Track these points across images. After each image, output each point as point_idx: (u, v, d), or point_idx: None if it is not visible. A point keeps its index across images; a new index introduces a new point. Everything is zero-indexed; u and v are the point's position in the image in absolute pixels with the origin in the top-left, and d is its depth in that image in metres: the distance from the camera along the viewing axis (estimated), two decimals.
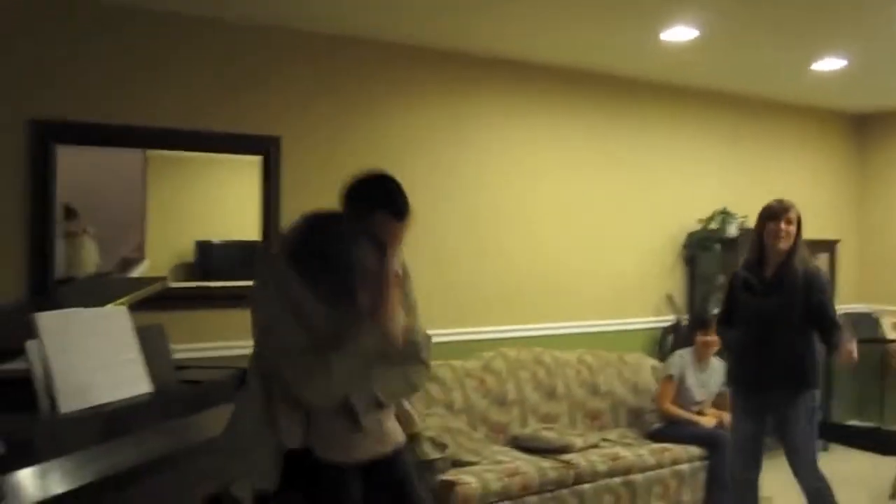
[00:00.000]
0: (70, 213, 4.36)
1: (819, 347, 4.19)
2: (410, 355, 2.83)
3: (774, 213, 4.17)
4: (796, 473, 4.20)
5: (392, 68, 5.21)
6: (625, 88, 6.17)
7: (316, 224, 2.70)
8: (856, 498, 5.56)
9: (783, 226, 4.13)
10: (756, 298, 4.20)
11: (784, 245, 4.14)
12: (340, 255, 2.60)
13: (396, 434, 2.85)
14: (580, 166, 5.95)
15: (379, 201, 2.75)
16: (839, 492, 4.16)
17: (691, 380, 5.40)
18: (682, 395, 5.39)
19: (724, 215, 6.33)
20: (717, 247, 6.29)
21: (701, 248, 6.37)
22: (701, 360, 5.45)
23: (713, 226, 6.35)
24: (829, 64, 5.64)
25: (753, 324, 4.21)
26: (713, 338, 5.33)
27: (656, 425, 5.34)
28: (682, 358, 5.44)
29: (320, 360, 2.51)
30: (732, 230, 6.30)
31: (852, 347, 3.98)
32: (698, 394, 5.42)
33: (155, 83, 4.47)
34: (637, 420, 5.55)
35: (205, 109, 4.60)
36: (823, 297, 4.15)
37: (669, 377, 5.39)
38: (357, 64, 5.09)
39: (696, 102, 6.55)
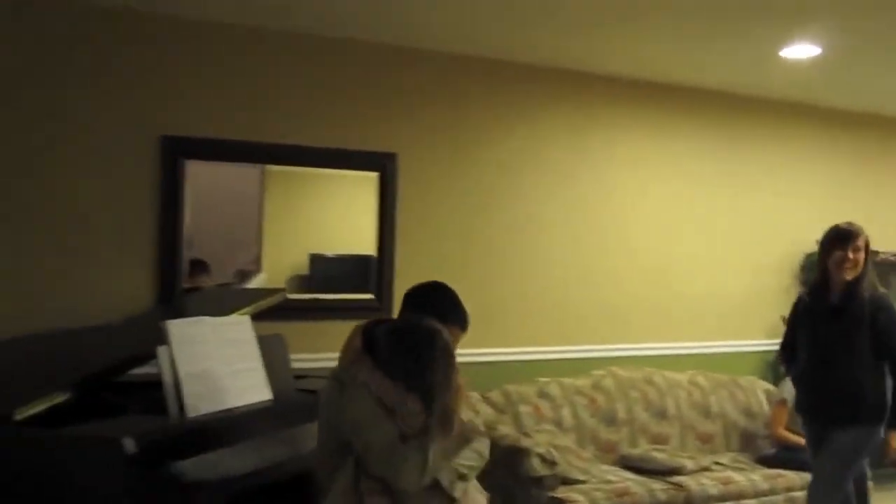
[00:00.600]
0: (199, 266, 4.55)
1: (891, 383, 3.96)
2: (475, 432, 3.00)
3: (841, 240, 3.97)
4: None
5: (508, 86, 5.27)
6: (742, 106, 6.07)
7: (395, 333, 2.78)
8: None
9: (850, 254, 3.93)
10: (818, 325, 4.03)
11: (850, 275, 3.94)
12: (420, 362, 2.70)
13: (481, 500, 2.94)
14: (695, 185, 5.88)
15: (450, 316, 2.96)
16: None
17: None
18: (796, 420, 5.24)
19: None
20: None
21: None
22: None
23: None
24: None
25: (814, 351, 4.03)
26: None
27: (769, 450, 5.22)
28: None
29: (413, 448, 2.62)
30: None
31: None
32: None
33: (276, 101, 4.63)
34: (749, 444, 5.43)
35: (323, 126, 4.74)
36: (890, 327, 3.93)
37: (783, 401, 5.25)
38: (473, 81, 5.16)
39: (815, 121, 6.39)
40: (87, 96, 4.22)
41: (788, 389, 5.22)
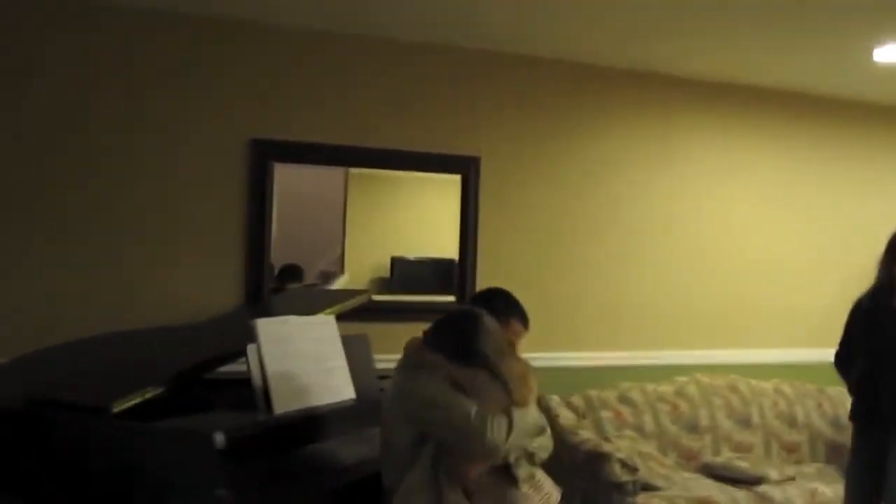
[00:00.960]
0: (292, 271, 4.65)
1: None
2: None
3: None
4: None
5: (591, 89, 5.25)
6: (837, 110, 5.92)
7: (449, 318, 2.98)
8: None
9: None
10: (880, 328, 3.83)
11: None
12: (467, 337, 2.88)
13: (553, 492, 3.00)
14: (785, 189, 5.77)
15: (509, 310, 3.25)
16: None
17: None
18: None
19: None
20: None
21: None
22: None
23: None
24: None
25: (875, 356, 3.84)
26: None
27: None
28: None
29: (497, 413, 2.72)
30: None
31: None
32: None
33: (361, 104, 4.70)
34: (836, 456, 5.28)
35: (407, 129, 4.80)
36: None
37: None
38: (557, 85, 5.15)
39: None
40: (178, 98, 4.36)
41: None
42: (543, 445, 3.04)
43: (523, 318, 3.30)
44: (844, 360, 4.09)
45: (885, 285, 3.91)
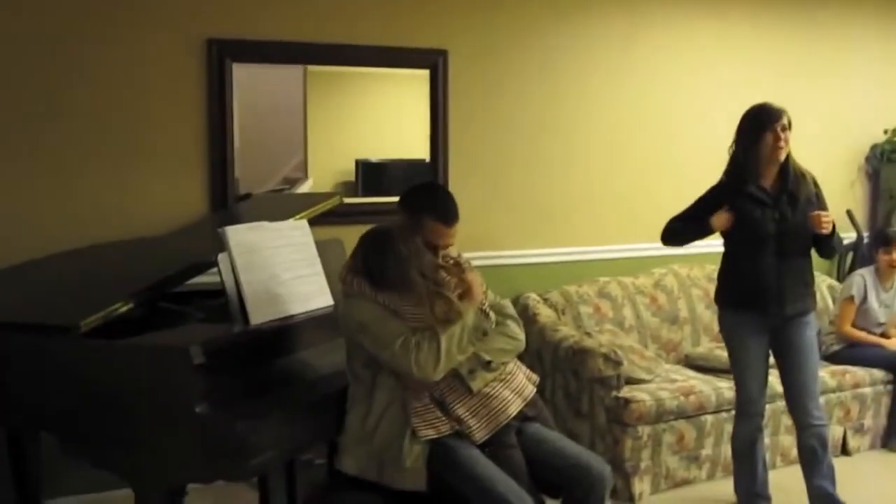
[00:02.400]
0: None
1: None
2: (501, 313, 3.08)
3: (768, 121, 3.65)
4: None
5: None
6: None
7: (364, 243, 2.91)
8: None
9: (781, 134, 3.63)
10: (767, 211, 3.69)
11: (783, 156, 3.66)
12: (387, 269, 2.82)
13: (528, 384, 3.01)
14: (753, 72, 5.61)
15: (428, 210, 2.97)
16: None
17: (873, 301, 5.11)
18: (863, 317, 5.12)
19: None
20: None
21: (886, 160, 5.98)
22: (884, 279, 5.15)
23: None
24: None
25: (741, 241, 3.75)
26: None
27: (835, 347, 5.11)
28: (863, 278, 5.14)
29: (426, 337, 2.73)
30: None
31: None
32: (882, 315, 5.14)
33: None
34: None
35: (369, 23, 4.57)
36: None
37: (850, 298, 5.11)
38: None
39: (885, 3, 6.07)
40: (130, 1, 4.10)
41: (856, 286, 5.09)
42: (496, 349, 2.97)
43: (441, 216, 2.97)
44: (675, 222, 3.95)
45: (739, 167, 3.77)
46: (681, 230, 3.95)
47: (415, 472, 2.77)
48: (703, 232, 3.85)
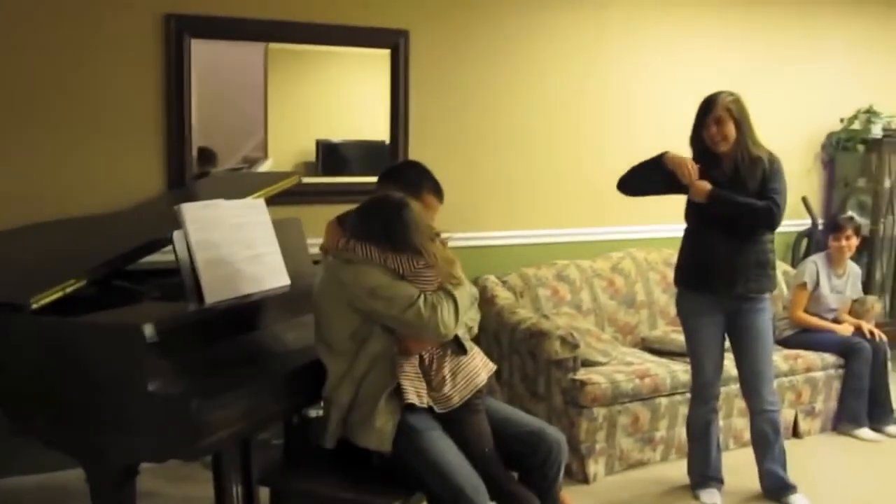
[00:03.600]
0: (206, 155, 4.41)
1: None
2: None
3: (703, 113, 3.72)
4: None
5: None
6: None
7: (372, 210, 2.94)
8: None
9: (713, 128, 3.68)
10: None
11: (723, 148, 3.70)
12: (396, 226, 2.86)
13: (487, 365, 3.07)
14: (715, 59, 5.65)
15: (424, 184, 3.19)
16: None
17: (825, 287, 5.19)
18: (816, 303, 5.20)
19: (869, 114, 5.98)
20: (860, 148, 5.96)
21: (841, 149, 6.06)
22: (835, 265, 5.24)
23: (856, 125, 6.01)
24: None
25: (696, 224, 3.81)
26: (847, 242, 5.16)
27: (788, 332, 5.19)
28: (816, 264, 5.22)
29: (442, 296, 2.82)
30: (877, 130, 5.96)
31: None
32: (833, 301, 5.23)
33: None
34: None
35: (331, 2, 4.53)
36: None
37: (803, 285, 5.19)
38: None
39: None
40: None
41: (809, 272, 5.16)
42: (475, 318, 3.17)
43: (437, 191, 3.24)
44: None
45: (702, 151, 3.80)
46: (635, 168, 3.92)
47: (382, 433, 2.79)
48: (657, 168, 3.81)
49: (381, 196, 2.97)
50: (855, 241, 5.23)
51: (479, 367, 2.99)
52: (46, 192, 3.98)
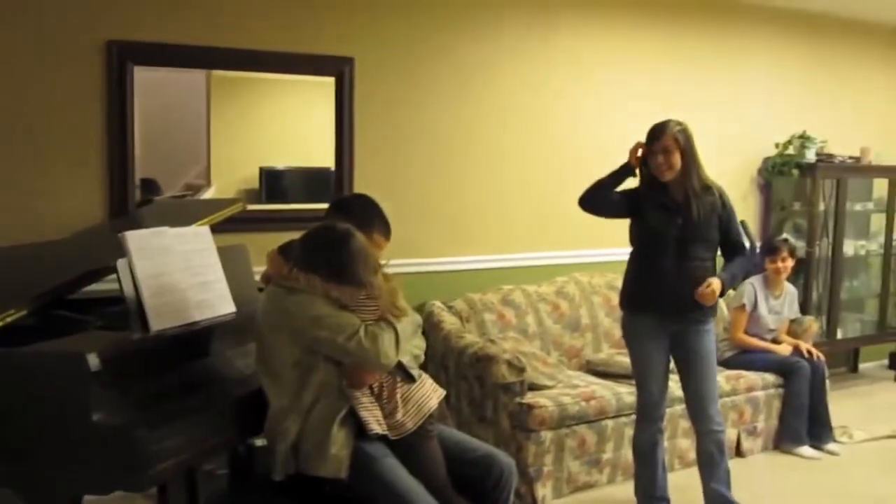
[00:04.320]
0: (148, 185, 4.37)
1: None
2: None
3: (650, 143, 3.75)
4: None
5: None
6: (698, 7, 5.96)
7: (317, 240, 2.93)
8: None
9: (660, 157, 3.71)
10: (671, 216, 3.77)
11: (668, 177, 3.73)
12: (342, 257, 2.88)
13: (437, 391, 3.09)
14: (656, 86, 5.77)
15: (374, 222, 3.19)
16: None
17: (763, 308, 5.31)
18: (755, 324, 5.31)
19: (803, 139, 6.15)
20: (795, 172, 6.11)
21: (777, 173, 6.21)
22: (772, 287, 5.36)
23: (790, 151, 6.17)
24: None
25: (672, 244, 3.78)
26: (783, 264, 5.30)
27: (729, 353, 5.28)
28: (754, 286, 5.34)
29: (384, 327, 2.84)
30: (811, 155, 6.12)
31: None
32: (772, 321, 5.35)
33: (226, 1, 4.40)
34: None
35: (275, 29, 4.52)
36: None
37: (741, 307, 5.30)
38: None
39: (776, 22, 6.31)
40: (27, 1, 3.96)
41: (747, 294, 5.27)
42: (420, 345, 3.19)
43: (385, 230, 3.24)
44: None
45: (650, 177, 3.85)
46: (600, 181, 3.93)
47: (339, 460, 2.78)
48: (622, 173, 3.87)
49: (326, 226, 2.97)
50: (790, 263, 5.36)
51: (430, 392, 3.00)
52: None
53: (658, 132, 3.75)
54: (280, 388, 2.86)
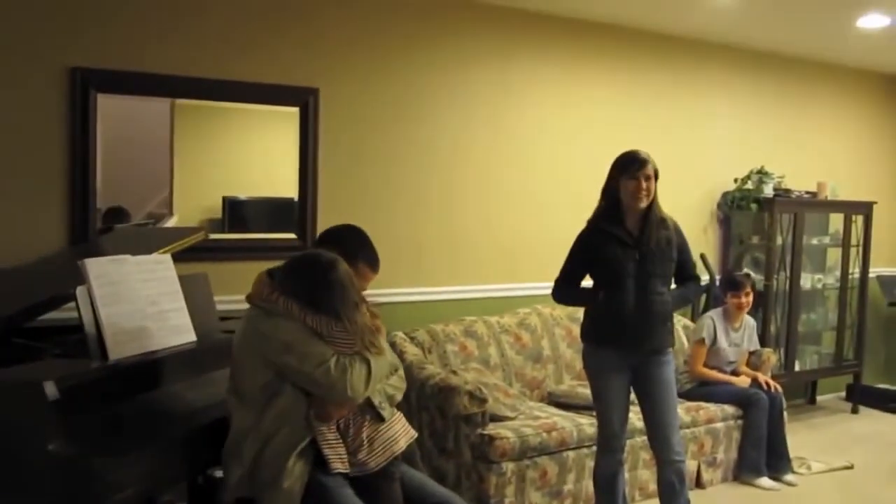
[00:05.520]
0: (117, 214, 4.35)
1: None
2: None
3: (632, 168, 3.78)
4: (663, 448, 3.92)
5: (432, 21, 5.14)
6: (665, 46, 6.08)
7: (300, 267, 2.93)
8: (882, 459, 5.57)
9: (643, 183, 3.76)
10: (629, 251, 3.80)
11: (644, 204, 3.79)
12: (323, 286, 2.88)
13: (408, 432, 3.08)
14: (619, 123, 5.86)
15: (360, 254, 3.15)
16: (865, 452, 3.95)
17: (723, 341, 5.37)
18: (715, 356, 5.36)
19: (761, 175, 6.26)
20: (753, 206, 6.20)
21: (736, 207, 6.30)
22: (732, 320, 5.42)
23: (749, 185, 6.28)
24: (874, 21, 5.51)
25: (631, 279, 3.82)
26: (745, 299, 5.37)
27: (688, 385, 5.32)
28: (713, 320, 5.40)
29: (357, 360, 2.82)
30: (768, 190, 6.23)
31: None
32: (731, 354, 5.41)
33: (191, 31, 4.40)
34: None
35: (239, 59, 4.53)
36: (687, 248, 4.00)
37: (701, 340, 5.35)
38: (397, 15, 5.01)
39: (734, 60, 6.45)
40: None
41: (707, 328, 5.32)
42: (398, 386, 3.15)
43: (372, 263, 3.21)
44: (566, 286, 4.02)
45: (610, 210, 3.89)
46: (571, 300, 4.22)
47: (291, 494, 2.75)
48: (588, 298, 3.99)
49: (312, 253, 2.98)
50: (751, 298, 5.44)
51: (399, 433, 2.99)
52: None
53: (641, 159, 3.81)
54: (245, 408, 2.84)
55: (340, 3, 4.82)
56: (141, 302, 3.04)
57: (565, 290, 4.04)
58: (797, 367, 6.54)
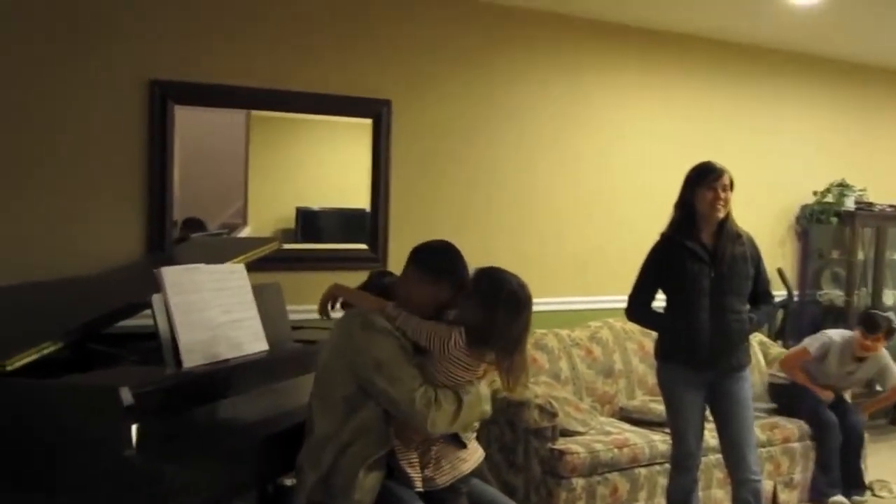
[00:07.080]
0: (193, 224, 4.43)
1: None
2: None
3: (709, 178, 3.74)
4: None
5: (505, 32, 5.13)
6: (741, 56, 5.97)
7: (498, 295, 2.87)
8: None
9: (721, 193, 3.72)
10: (703, 267, 3.75)
11: (722, 214, 3.74)
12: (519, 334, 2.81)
13: (478, 451, 3.03)
14: (693, 134, 5.77)
15: (466, 279, 3.00)
16: None
17: (834, 363, 5.07)
18: (817, 371, 5.10)
19: (842, 187, 6.10)
20: (833, 220, 6.05)
21: (815, 221, 6.15)
22: (854, 353, 5.07)
23: (829, 198, 6.12)
24: None
25: (706, 297, 3.73)
26: (873, 343, 4.96)
27: (779, 380, 5.17)
28: (832, 340, 5.10)
29: (448, 397, 2.73)
30: (849, 203, 6.07)
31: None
32: (833, 377, 5.11)
33: (267, 43, 4.47)
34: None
35: (314, 71, 4.59)
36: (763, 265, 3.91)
37: (805, 349, 5.11)
38: (470, 26, 5.02)
39: (810, 69, 6.30)
40: (74, 41, 4.05)
41: (819, 344, 5.07)
42: (486, 410, 2.99)
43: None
44: (640, 307, 3.97)
45: (685, 223, 3.83)
46: (645, 324, 4.15)
47: None
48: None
49: (514, 284, 2.92)
50: (881, 344, 5.01)
51: (468, 454, 2.94)
52: (27, 253, 3.94)
53: (718, 168, 3.77)
54: (327, 415, 2.78)
55: (413, 14, 4.85)
56: (214, 310, 3.07)
57: (640, 313, 3.99)
58: (877, 387, 6.33)
